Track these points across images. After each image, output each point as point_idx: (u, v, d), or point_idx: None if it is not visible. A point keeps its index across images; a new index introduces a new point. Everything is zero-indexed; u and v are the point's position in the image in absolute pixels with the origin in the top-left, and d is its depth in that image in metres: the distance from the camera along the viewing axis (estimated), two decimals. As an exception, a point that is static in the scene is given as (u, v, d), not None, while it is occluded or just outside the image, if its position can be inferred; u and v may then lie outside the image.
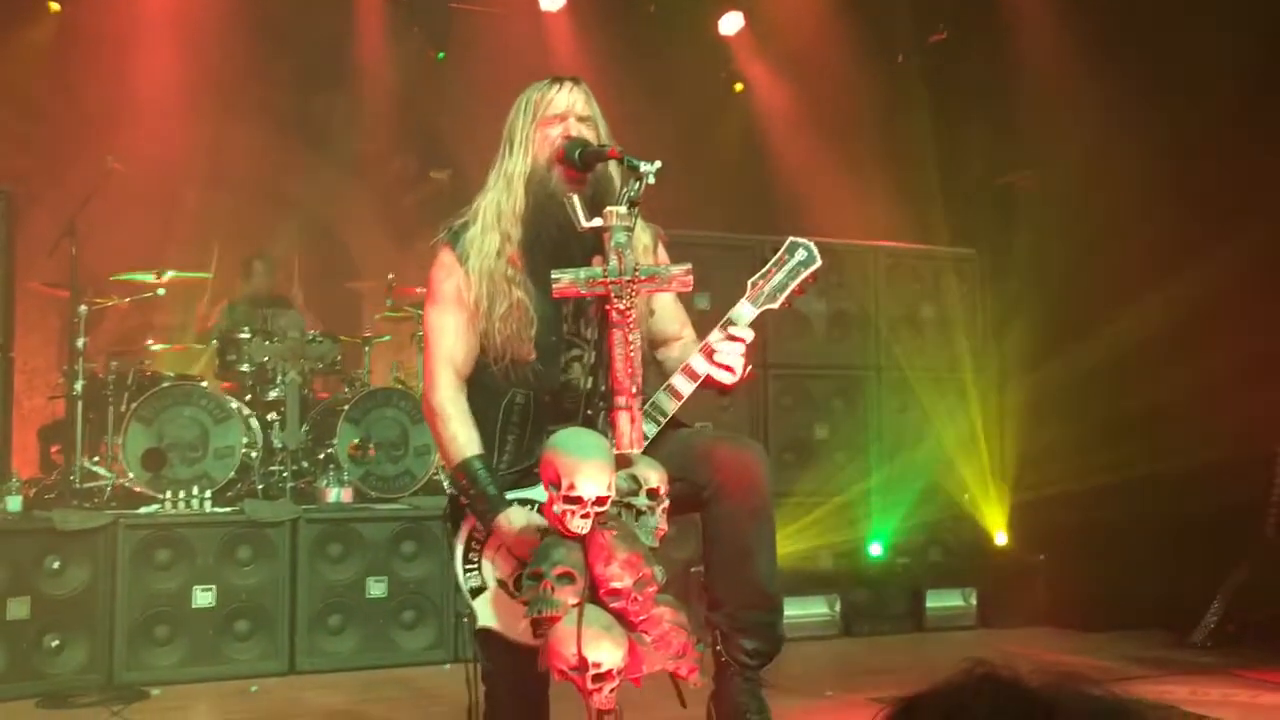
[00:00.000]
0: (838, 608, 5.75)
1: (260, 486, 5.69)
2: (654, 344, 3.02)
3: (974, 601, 5.97)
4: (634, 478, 2.41)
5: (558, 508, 2.32)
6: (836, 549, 5.93)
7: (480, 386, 2.85)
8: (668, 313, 3.04)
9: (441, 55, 7.77)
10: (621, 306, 2.43)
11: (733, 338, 2.75)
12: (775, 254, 2.87)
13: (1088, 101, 6.16)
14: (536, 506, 2.67)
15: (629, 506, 2.40)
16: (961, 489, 6.29)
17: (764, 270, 2.84)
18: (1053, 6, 6.61)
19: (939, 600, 5.93)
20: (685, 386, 2.78)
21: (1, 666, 4.56)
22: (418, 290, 6.41)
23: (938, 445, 6.23)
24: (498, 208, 2.82)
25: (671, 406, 2.78)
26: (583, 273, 2.45)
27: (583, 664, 2.23)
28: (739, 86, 8.51)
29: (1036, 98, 6.67)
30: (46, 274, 6.08)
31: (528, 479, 2.74)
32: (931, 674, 1.06)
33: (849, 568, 5.88)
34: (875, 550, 5.98)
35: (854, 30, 7.61)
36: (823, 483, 6.02)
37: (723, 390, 2.82)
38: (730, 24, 8.22)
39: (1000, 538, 6.26)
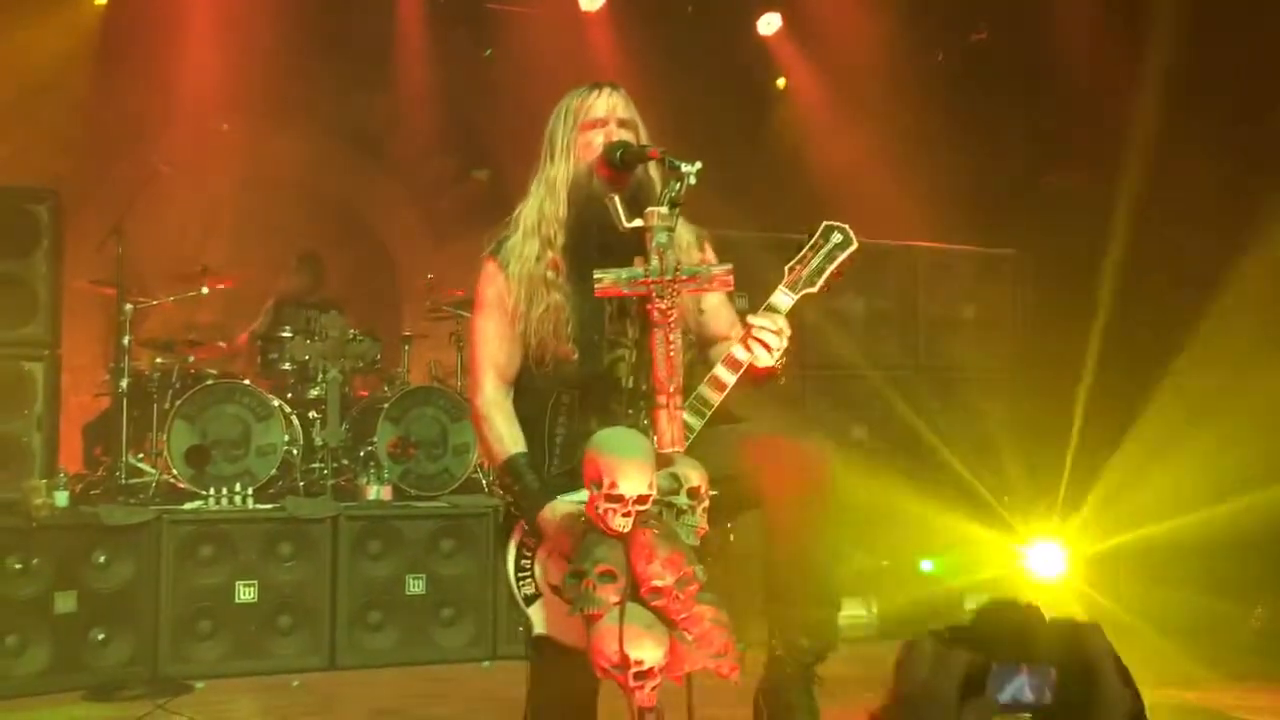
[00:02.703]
0: (875, 609, 5.72)
1: (301, 484, 5.75)
2: (704, 344, 3.03)
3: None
4: (675, 476, 2.41)
5: (599, 506, 2.33)
6: (875, 550, 5.91)
7: (527, 390, 2.88)
8: (717, 312, 3.04)
9: (489, 52, 7.81)
10: (662, 306, 2.43)
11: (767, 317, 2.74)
12: (811, 238, 2.85)
13: (1130, 99, 6.09)
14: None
15: (670, 505, 2.40)
16: (1000, 492, 6.24)
17: (800, 255, 2.82)
18: (1094, 3, 6.56)
19: (978, 604, 5.87)
20: (728, 376, 2.77)
21: (49, 659, 4.64)
22: (457, 292, 6.45)
23: (977, 446, 6.17)
24: (539, 213, 2.85)
25: (715, 398, 2.77)
26: (624, 273, 2.46)
27: (624, 662, 2.24)
28: (781, 82, 8.50)
29: (1078, 96, 6.62)
30: (92, 272, 6.16)
31: (577, 480, 2.74)
32: None
33: (887, 570, 5.84)
34: (926, 566, 5.95)
35: (893, 29, 7.58)
36: (861, 483, 5.98)
37: (763, 377, 2.79)
38: (768, 24, 8.21)
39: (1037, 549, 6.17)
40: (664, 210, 2.46)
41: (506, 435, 2.79)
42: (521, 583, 2.74)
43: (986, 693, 1.03)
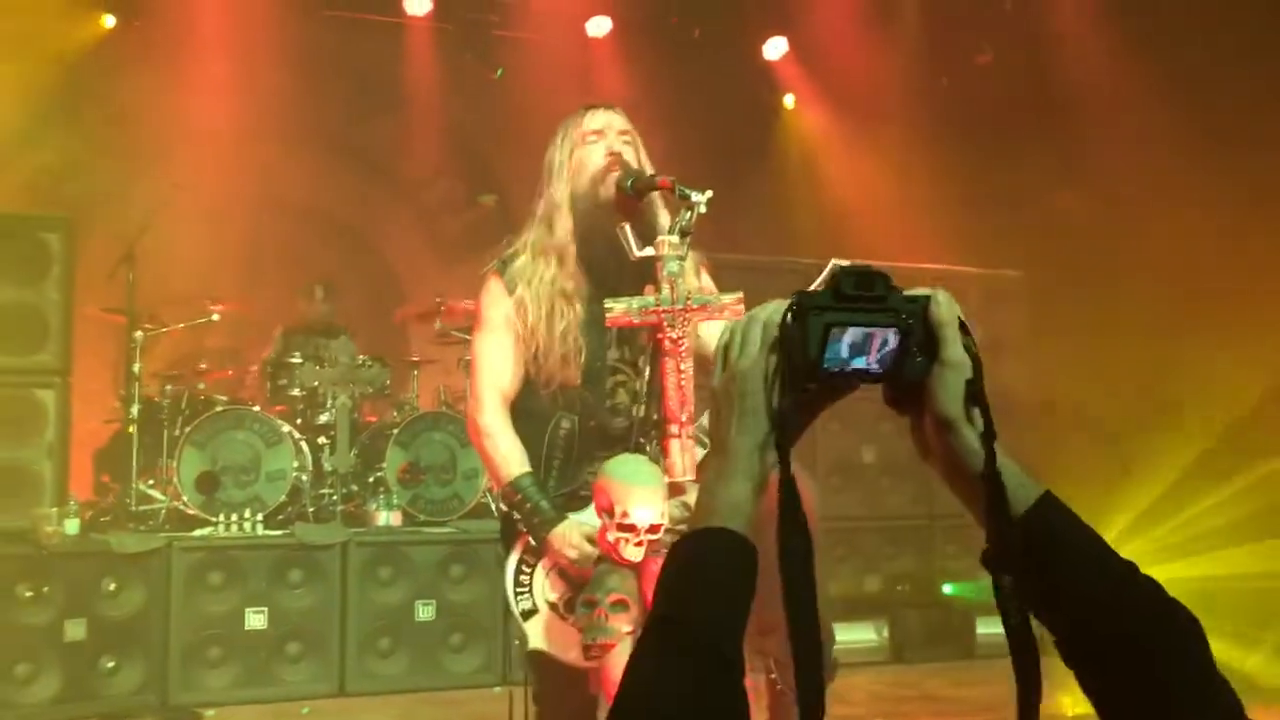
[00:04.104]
0: (885, 633, 5.71)
1: (311, 510, 5.75)
2: (698, 367, 3.03)
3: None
4: (686, 505, 2.42)
5: (611, 535, 2.34)
6: (885, 574, 5.90)
7: (526, 411, 2.87)
8: (712, 337, 3.05)
9: (501, 72, 7.85)
10: (674, 335, 2.44)
11: None
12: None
13: (1136, 121, 6.12)
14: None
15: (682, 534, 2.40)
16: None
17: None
18: (1099, 27, 6.59)
19: (991, 628, 5.86)
20: None
21: (59, 687, 4.63)
22: (464, 304, 6.44)
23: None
24: (545, 237, 2.84)
25: None
26: (635, 301, 2.47)
27: (637, 692, 2.24)
28: (790, 101, 8.54)
29: (1083, 118, 6.64)
30: (102, 298, 6.19)
31: (574, 503, 2.75)
32: (985, 703, 1.10)
33: (898, 594, 5.84)
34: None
35: (898, 53, 7.62)
36: (870, 507, 5.99)
37: None
38: (774, 49, 8.26)
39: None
40: (674, 239, 2.47)
41: (512, 454, 2.78)
42: (519, 597, 2.74)
43: (824, 356, 1.06)
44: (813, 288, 1.15)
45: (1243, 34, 5.59)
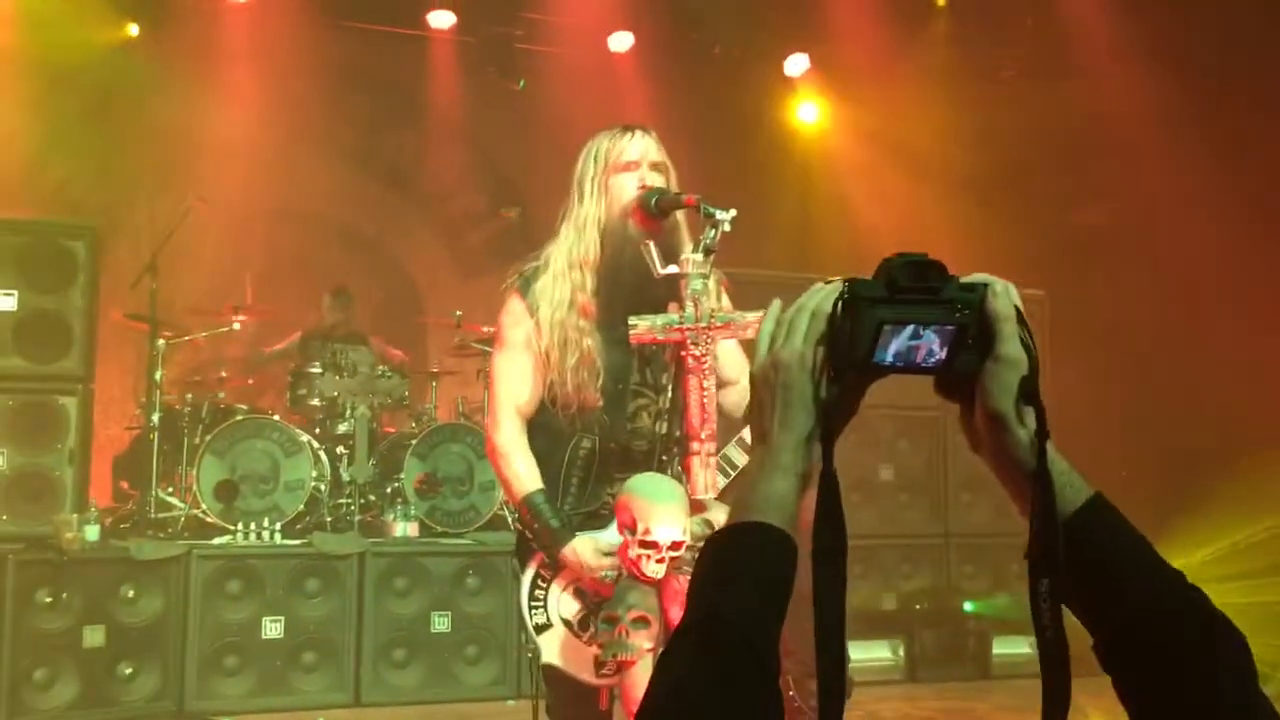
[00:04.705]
0: (901, 652, 5.69)
1: (328, 519, 5.77)
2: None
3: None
4: (708, 523, 2.43)
5: (633, 552, 2.34)
6: (902, 592, 5.88)
7: (545, 430, 2.86)
8: (726, 357, 3.04)
9: (523, 83, 7.88)
10: (697, 353, 2.45)
11: None
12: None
13: (1162, 137, 6.11)
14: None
15: (703, 552, 2.40)
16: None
17: None
18: (1123, 44, 6.58)
19: (1007, 648, 5.84)
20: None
21: (77, 693, 4.65)
22: (484, 328, 6.48)
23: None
24: (569, 256, 2.81)
25: (742, 459, 2.78)
26: (659, 319, 2.47)
27: (657, 709, 2.24)
28: (809, 118, 8.56)
29: (1109, 135, 6.64)
30: (125, 305, 6.23)
31: (592, 522, 2.76)
32: None
33: (915, 612, 5.82)
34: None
35: (920, 69, 7.62)
36: (887, 525, 5.97)
37: None
38: (796, 65, 8.27)
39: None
40: (699, 257, 2.47)
41: (525, 471, 2.78)
42: (534, 611, 2.75)
43: (875, 353, 1.03)
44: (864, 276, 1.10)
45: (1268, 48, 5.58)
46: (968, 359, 1.08)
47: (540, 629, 2.73)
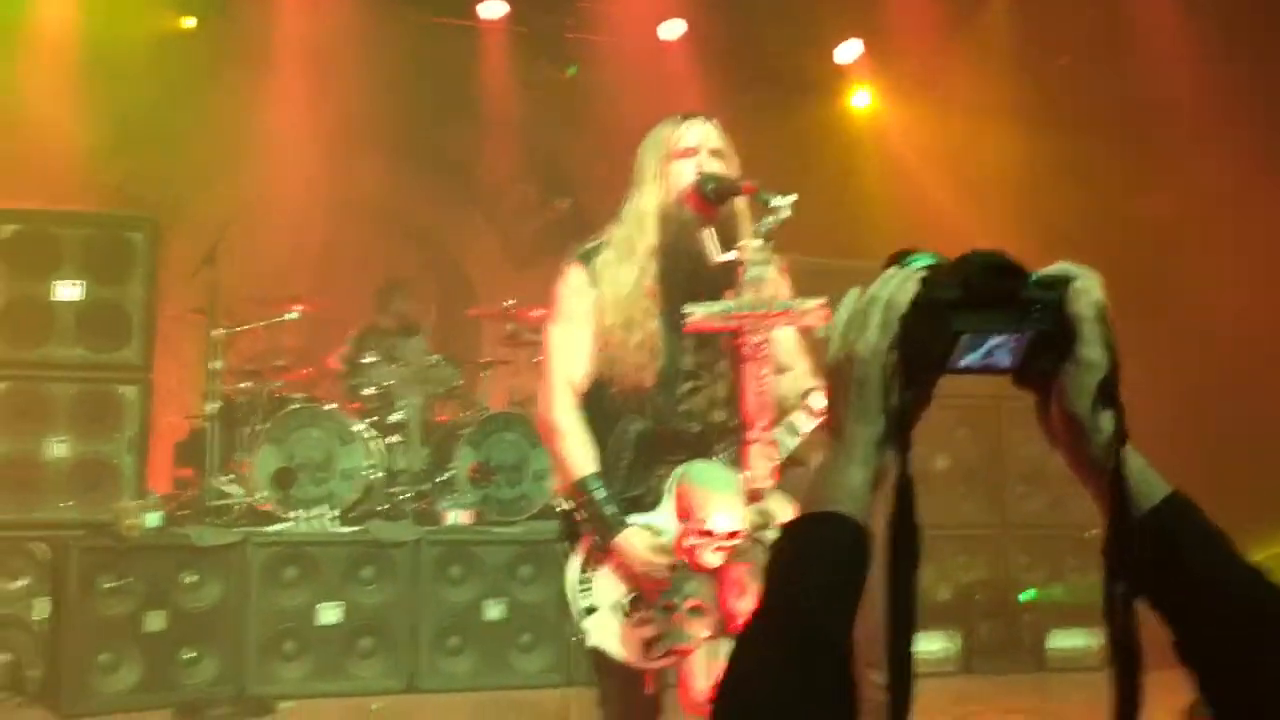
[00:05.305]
0: (958, 642, 5.64)
1: (383, 507, 5.82)
2: None
3: (1099, 642, 5.79)
4: (764, 512, 2.41)
5: (690, 540, 2.33)
6: (958, 583, 5.83)
7: (595, 409, 2.82)
8: (783, 342, 3.00)
9: (573, 70, 7.89)
10: (754, 341, 2.43)
11: None
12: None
13: (1226, 123, 5.99)
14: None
15: (759, 541, 2.39)
16: (1085, 525, 6.11)
17: None
18: (1181, 29, 6.46)
19: (1063, 640, 5.76)
20: (806, 424, 2.74)
21: (140, 677, 4.74)
22: (533, 312, 6.49)
23: (1064, 478, 6.07)
24: (631, 240, 2.80)
25: (792, 443, 2.75)
26: (716, 306, 2.45)
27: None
28: (863, 104, 8.49)
29: (1166, 123, 6.52)
30: (183, 296, 6.31)
31: (639, 506, 2.73)
32: (1053, 716, 1.08)
33: (971, 603, 5.76)
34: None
35: (974, 56, 7.52)
36: (944, 515, 5.91)
37: None
38: (848, 52, 8.20)
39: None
40: (756, 244, 2.45)
41: (581, 452, 2.73)
42: (582, 594, 2.72)
43: (950, 359, 1.01)
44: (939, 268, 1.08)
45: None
46: (1045, 361, 1.06)
47: (588, 612, 2.71)
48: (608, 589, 2.69)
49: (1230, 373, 6.03)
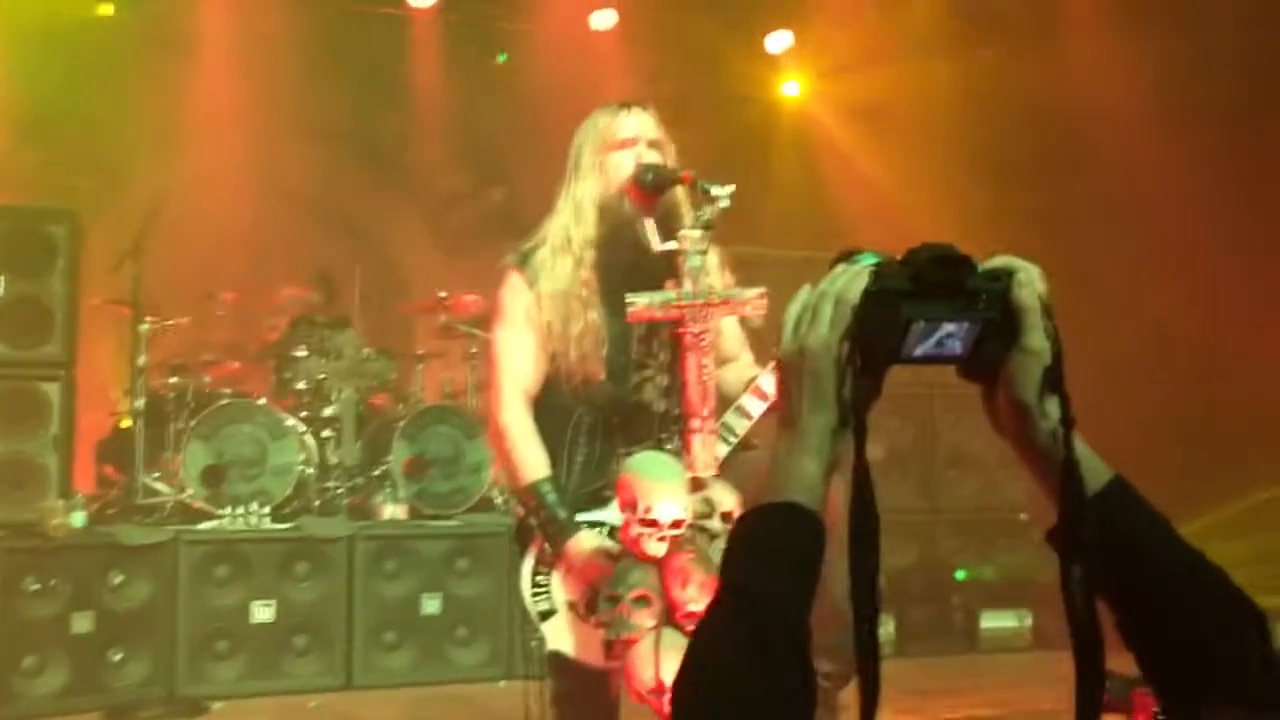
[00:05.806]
0: (891, 628, 5.71)
1: (316, 503, 5.74)
2: (715, 363, 3.01)
3: (1029, 623, 5.91)
4: (708, 501, 2.42)
5: (634, 530, 2.33)
6: (889, 568, 5.90)
7: (548, 405, 2.83)
8: (727, 333, 3.02)
9: (503, 57, 7.84)
10: (695, 330, 2.44)
11: None
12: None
13: (1151, 109, 6.12)
14: (607, 529, 2.67)
15: (703, 530, 2.40)
16: (1016, 508, 6.22)
17: None
18: (1108, 22, 6.59)
19: (994, 621, 5.88)
20: (755, 407, 2.76)
21: (67, 680, 4.62)
22: (467, 299, 6.43)
23: (994, 463, 6.16)
24: (567, 231, 2.80)
25: (742, 427, 2.77)
26: (658, 296, 2.46)
27: (660, 687, 2.24)
28: (794, 93, 8.55)
29: (1097, 110, 6.64)
30: (106, 290, 6.16)
31: (597, 501, 2.74)
32: (989, 697, 1.12)
33: (903, 588, 5.84)
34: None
35: (902, 47, 7.61)
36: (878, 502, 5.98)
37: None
38: (778, 42, 8.24)
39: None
40: (696, 234, 2.46)
41: (531, 457, 2.73)
42: (537, 598, 2.71)
43: (902, 349, 1.05)
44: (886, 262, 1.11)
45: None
46: (992, 349, 1.10)
47: (545, 615, 2.69)
48: (563, 590, 2.68)
49: (1145, 357, 6.18)
